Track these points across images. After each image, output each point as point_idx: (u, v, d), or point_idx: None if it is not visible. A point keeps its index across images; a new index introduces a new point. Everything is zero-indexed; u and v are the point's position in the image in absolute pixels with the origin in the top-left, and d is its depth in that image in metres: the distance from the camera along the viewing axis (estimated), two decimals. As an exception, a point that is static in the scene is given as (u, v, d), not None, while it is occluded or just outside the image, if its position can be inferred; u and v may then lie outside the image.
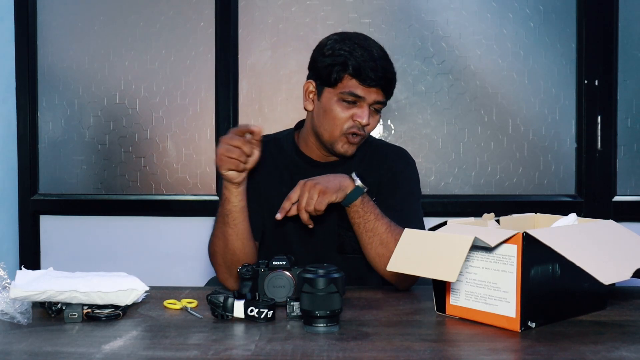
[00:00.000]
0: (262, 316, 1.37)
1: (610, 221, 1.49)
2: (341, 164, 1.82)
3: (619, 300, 1.57)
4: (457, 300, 1.42)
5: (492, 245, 1.31)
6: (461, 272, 1.39)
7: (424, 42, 2.79)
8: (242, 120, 2.81)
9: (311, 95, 1.76)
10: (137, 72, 2.86)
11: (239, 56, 2.81)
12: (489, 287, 1.36)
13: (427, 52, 2.78)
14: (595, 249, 1.35)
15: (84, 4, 2.87)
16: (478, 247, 1.37)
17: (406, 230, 1.42)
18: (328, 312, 1.31)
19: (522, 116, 2.79)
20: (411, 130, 2.80)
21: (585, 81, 2.74)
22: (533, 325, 1.32)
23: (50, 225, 2.91)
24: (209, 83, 2.84)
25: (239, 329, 1.34)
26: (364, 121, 1.69)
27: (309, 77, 1.78)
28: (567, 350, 1.20)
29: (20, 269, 1.49)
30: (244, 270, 1.47)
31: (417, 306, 1.53)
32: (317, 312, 1.31)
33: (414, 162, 1.89)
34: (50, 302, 1.41)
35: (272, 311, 1.38)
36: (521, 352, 1.21)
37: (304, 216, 1.58)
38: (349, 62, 1.66)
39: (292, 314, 1.39)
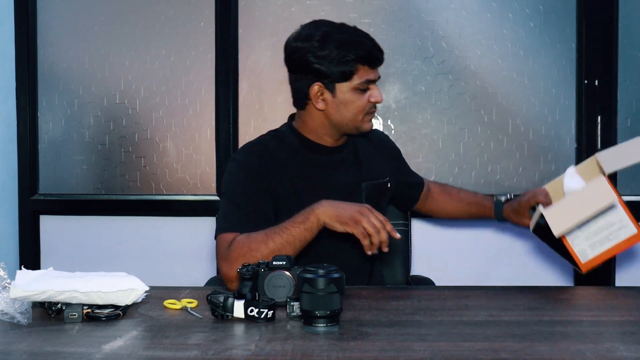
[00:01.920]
0: (262, 316, 1.37)
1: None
2: (350, 145, 1.94)
3: (619, 300, 1.57)
4: (587, 256, 1.69)
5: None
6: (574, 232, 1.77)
7: (424, 42, 2.79)
8: (242, 120, 2.81)
9: (322, 96, 1.80)
10: (137, 72, 2.86)
11: (239, 56, 2.81)
12: (605, 228, 1.67)
13: (427, 52, 2.78)
14: None
15: (84, 4, 2.87)
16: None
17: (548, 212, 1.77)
18: (328, 312, 1.31)
19: (522, 116, 2.79)
20: (411, 130, 2.80)
21: (585, 81, 2.74)
22: None
23: (50, 225, 2.91)
24: (209, 83, 2.84)
25: (239, 329, 1.34)
26: (381, 99, 1.82)
27: (307, 81, 1.80)
28: (567, 351, 1.20)
29: (20, 269, 1.49)
30: (244, 270, 1.47)
31: (417, 306, 1.53)
32: (317, 312, 1.31)
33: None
34: (50, 302, 1.41)
35: (272, 311, 1.38)
36: (521, 352, 1.21)
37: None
38: (359, 54, 1.75)
39: (292, 314, 1.39)
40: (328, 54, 1.74)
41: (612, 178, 2.76)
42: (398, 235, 1.62)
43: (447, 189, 2.23)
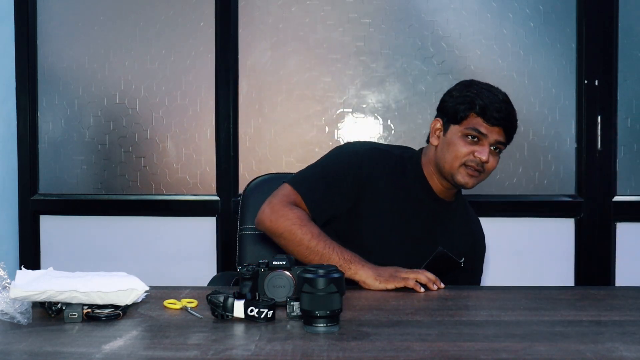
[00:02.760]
0: (262, 316, 1.37)
1: None
2: (452, 208, 1.93)
3: (619, 300, 1.57)
4: None
5: None
6: None
7: (424, 42, 2.79)
8: (242, 120, 2.81)
9: (437, 132, 1.86)
10: (137, 72, 2.86)
11: (239, 56, 2.81)
12: None
13: (427, 52, 2.78)
14: None
15: (84, 4, 2.87)
16: None
17: None
18: (328, 312, 1.31)
19: (522, 116, 2.77)
20: (411, 130, 2.80)
21: (585, 81, 2.74)
22: None
23: (50, 225, 2.91)
24: (209, 83, 2.84)
25: (239, 329, 1.34)
26: (484, 157, 1.79)
27: (437, 116, 1.89)
28: (566, 350, 1.20)
29: (20, 269, 1.49)
30: (244, 270, 1.47)
31: (417, 306, 1.53)
32: (317, 312, 1.31)
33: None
34: (50, 302, 1.41)
35: (272, 311, 1.38)
36: (521, 352, 1.21)
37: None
38: (476, 102, 1.79)
39: (292, 314, 1.39)
40: (457, 96, 1.82)
41: (611, 181, 2.76)
42: (435, 288, 1.67)
43: None
